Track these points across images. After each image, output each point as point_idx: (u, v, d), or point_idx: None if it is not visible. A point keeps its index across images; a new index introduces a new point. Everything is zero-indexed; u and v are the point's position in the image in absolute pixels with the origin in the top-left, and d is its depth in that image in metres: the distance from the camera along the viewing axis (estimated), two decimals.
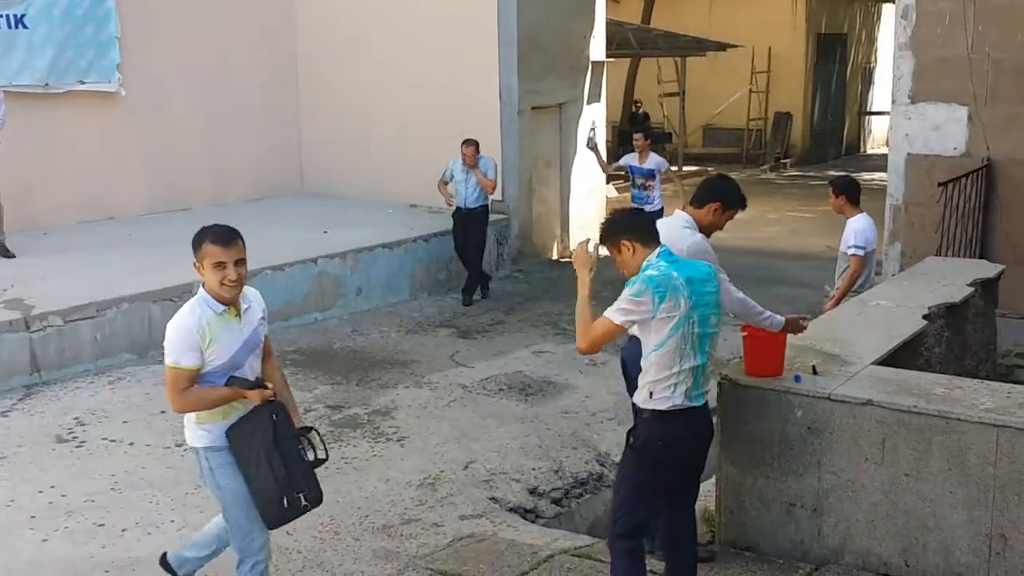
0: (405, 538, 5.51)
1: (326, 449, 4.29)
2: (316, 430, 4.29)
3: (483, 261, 11.20)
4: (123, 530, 5.59)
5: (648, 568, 4.30)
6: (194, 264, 4.05)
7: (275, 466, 4.01)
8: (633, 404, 4.29)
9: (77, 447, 6.77)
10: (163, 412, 7.36)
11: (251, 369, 4.17)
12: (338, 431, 7.11)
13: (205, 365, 3.99)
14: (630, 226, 4.20)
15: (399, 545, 5.42)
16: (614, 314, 4.01)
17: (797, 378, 4.94)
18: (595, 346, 4.11)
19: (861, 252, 7.01)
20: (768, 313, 4.89)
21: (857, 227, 7.06)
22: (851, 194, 7.22)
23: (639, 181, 10.91)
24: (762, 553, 5.06)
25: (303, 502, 4.11)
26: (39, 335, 7.98)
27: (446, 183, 10.93)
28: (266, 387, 4.09)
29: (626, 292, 4.01)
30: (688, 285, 3.97)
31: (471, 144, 10.71)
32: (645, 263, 4.07)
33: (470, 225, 10.92)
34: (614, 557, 4.23)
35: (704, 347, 4.04)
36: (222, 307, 4.03)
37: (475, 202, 10.83)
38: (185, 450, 6.64)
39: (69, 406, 7.51)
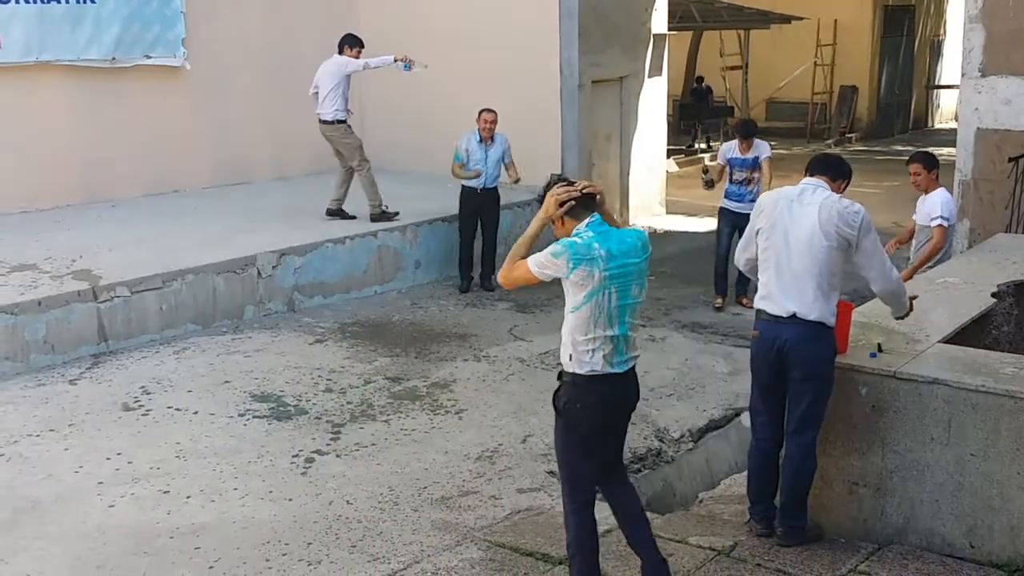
0: (463, 510, 5.54)
1: None
2: None
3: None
4: (187, 497, 5.69)
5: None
6: None
7: None
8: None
9: (143, 415, 6.90)
10: (227, 382, 7.50)
11: None
12: (397, 403, 7.16)
13: None
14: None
15: (457, 517, 5.45)
16: (533, 264, 4.11)
17: (873, 354, 4.88)
18: (511, 284, 4.24)
19: (947, 223, 6.91)
20: (908, 299, 5.01)
21: (942, 199, 6.95)
22: (930, 163, 7.12)
23: (740, 176, 9.54)
24: (823, 531, 5.01)
25: None
26: (106, 305, 8.13)
27: (461, 166, 10.20)
28: None
29: (548, 248, 4.11)
30: (608, 257, 4.03)
31: (492, 112, 10.07)
32: (575, 230, 4.12)
33: (488, 206, 10.27)
34: (565, 514, 4.39)
35: (624, 317, 4.10)
36: None
37: (494, 181, 10.21)
38: (248, 420, 6.79)
39: (135, 375, 7.65)
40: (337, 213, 10.58)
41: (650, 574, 4.39)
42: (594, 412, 4.16)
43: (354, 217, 10.47)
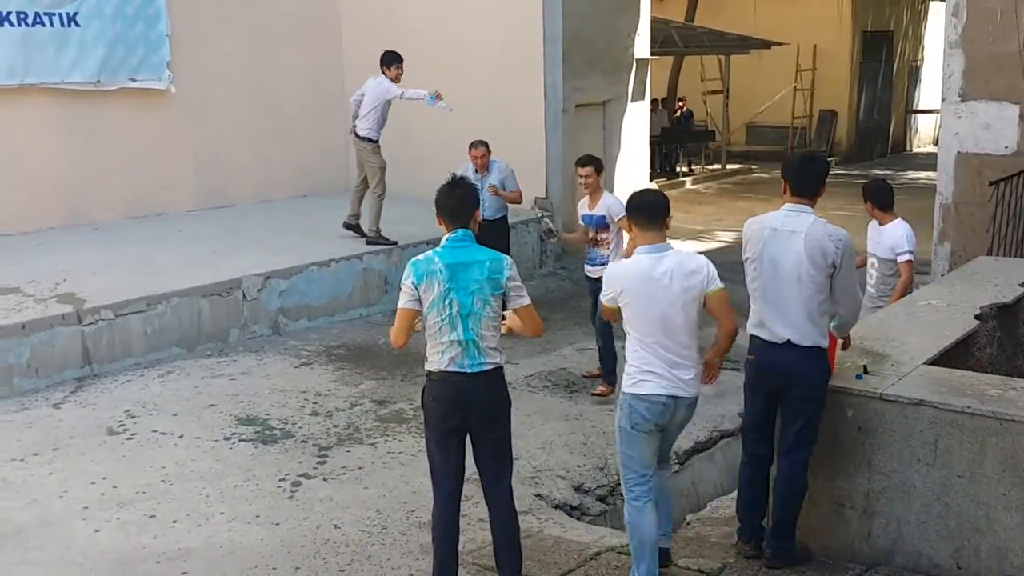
0: None
1: None
2: None
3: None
4: (174, 522, 5.66)
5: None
6: None
7: None
8: None
9: (128, 439, 6.86)
10: (212, 405, 7.47)
11: None
12: (384, 426, 7.15)
13: None
14: (440, 206, 4.56)
15: None
16: (400, 304, 4.49)
17: (859, 376, 4.92)
18: (402, 337, 4.52)
19: (913, 257, 6.81)
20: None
21: (906, 232, 6.76)
22: (877, 199, 6.86)
23: (591, 234, 7.88)
24: (811, 553, 5.03)
25: None
26: (91, 328, 8.10)
27: None
28: None
29: None
30: (448, 270, 4.38)
31: (480, 146, 9.30)
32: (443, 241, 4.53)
33: (489, 237, 9.25)
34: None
35: (468, 324, 4.38)
36: None
37: (495, 213, 9.26)
38: (234, 444, 6.76)
39: (120, 399, 7.61)
40: (354, 228, 10.71)
41: None
42: (443, 406, 4.44)
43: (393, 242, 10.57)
